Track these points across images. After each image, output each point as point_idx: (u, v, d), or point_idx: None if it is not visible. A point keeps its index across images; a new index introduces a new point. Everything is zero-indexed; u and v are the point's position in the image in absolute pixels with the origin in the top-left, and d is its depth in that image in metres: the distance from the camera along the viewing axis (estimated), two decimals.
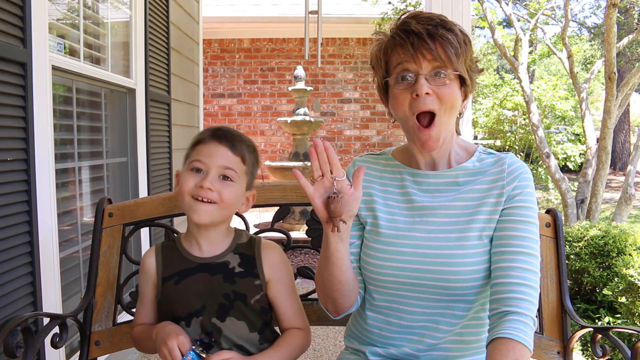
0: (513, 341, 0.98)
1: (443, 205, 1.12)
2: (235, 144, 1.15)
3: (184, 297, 1.15)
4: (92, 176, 2.47)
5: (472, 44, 1.14)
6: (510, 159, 1.12)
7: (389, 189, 1.18)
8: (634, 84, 5.18)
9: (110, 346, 1.39)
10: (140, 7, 2.79)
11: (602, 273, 3.11)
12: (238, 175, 1.15)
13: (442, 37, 1.05)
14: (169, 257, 1.20)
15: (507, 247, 1.06)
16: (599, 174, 5.07)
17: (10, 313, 1.57)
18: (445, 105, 1.07)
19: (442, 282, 1.07)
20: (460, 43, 1.07)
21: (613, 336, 1.22)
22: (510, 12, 6.38)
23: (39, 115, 1.74)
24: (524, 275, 1.03)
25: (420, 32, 1.05)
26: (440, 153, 1.14)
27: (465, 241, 1.07)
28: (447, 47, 1.05)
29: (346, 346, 1.27)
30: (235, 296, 1.15)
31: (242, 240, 1.21)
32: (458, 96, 1.10)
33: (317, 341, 3.04)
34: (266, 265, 1.18)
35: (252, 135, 7.73)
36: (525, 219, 1.08)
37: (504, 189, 1.09)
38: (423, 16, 1.09)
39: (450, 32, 1.07)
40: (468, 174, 1.13)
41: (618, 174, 12.84)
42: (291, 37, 7.60)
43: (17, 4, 1.62)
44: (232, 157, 1.14)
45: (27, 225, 1.69)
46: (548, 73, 16.32)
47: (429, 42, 1.05)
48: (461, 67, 1.08)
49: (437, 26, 1.06)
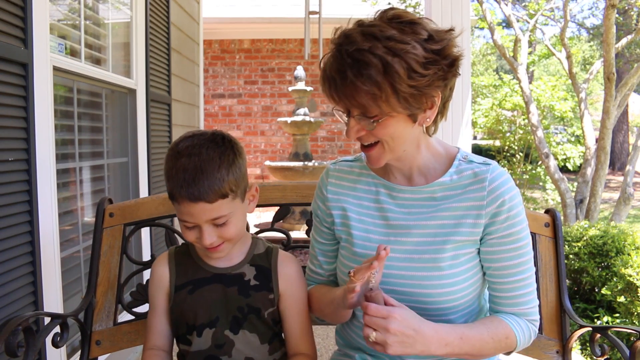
0: (509, 328, 1.03)
1: (419, 224, 1.06)
2: (210, 197, 0.99)
3: (198, 307, 1.12)
4: (92, 176, 2.48)
5: (416, 60, 0.93)
6: (491, 175, 1.03)
7: (364, 203, 1.12)
8: (633, 84, 5.19)
9: (110, 346, 1.39)
10: (140, 7, 2.80)
11: (601, 273, 3.11)
12: (231, 210, 1.04)
13: (352, 84, 0.92)
14: (183, 264, 1.16)
15: (506, 277, 1.06)
16: (598, 174, 5.08)
17: (12, 313, 1.57)
18: (386, 141, 1.00)
19: (419, 304, 1.03)
20: (376, 82, 0.91)
21: (612, 335, 1.22)
22: (509, 13, 6.39)
23: (40, 115, 1.75)
24: (527, 300, 1.07)
25: (333, 77, 0.95)
26: (405, 165, 1.07)
27: (440, 262, 1.03)
28: (360, 98, 0.93)
29: (338, 347, 1.26)
30: (250, 310, 1.12)
31: (258, 251, 1.18)
32: (400, 130, 0.99)
33: (317, 341, 3.04)
34: (282, 278, 1.15)
35: (252, 135, 7.74)
36: (520, 244, 1.05)
37: (484, 210, 1.02)
38: (343, 46, 0.95)
39: (360, 75, 0.92)
40: (445, 188, 1.06)
41: (617, 174, 12.85)
42: (291, 37, 7.61)
43: (18, 5, 1.63)
44: (214, 207, 1.01)
45: (28, 225, 1.69)
46: (547, 73, 16.33)
47: (342, 88, 0.94)
48: (385, 110, 0.95)
49: (345, 71, 0.93)
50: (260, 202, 1.44)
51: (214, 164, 1.01)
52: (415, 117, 0.99)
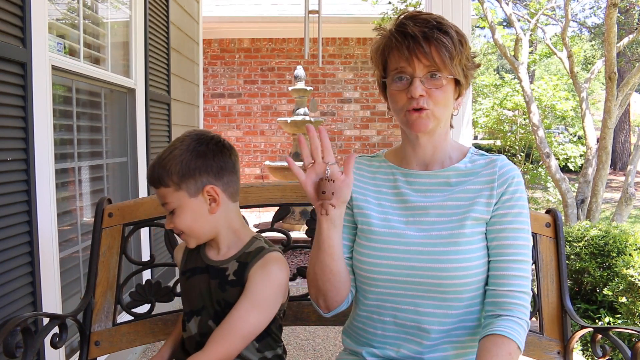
0: (506, 337, 1.02)
1: (436, 205, 1.13)
2: (160, 180, 1.13)
3: (190, 294, 1.19)
4: (92, 176, 2.47)
5: (469, 43, 1.15)
6: (501, 162, 1.15)
7: (382, 190, 1.19)
8: (634, 83, 5.18)
9: (109, 346, 1.39)
10: (140, 7, 2.79)
11: (603, 273, 3.11)
12: (176, 201, 1.13)
13: (437, 40, 1.06)
14: (192, 252, 1.23)
15: (501, 255, 1.10)
16: (599, 173, 5.06)
17: (10, 313, 1.57)
18: (438, 106, 1.10)
19: (434, 279, 1.08)
20: (455, 45, 1.08)
21: (613, 336, 1.22)
22: (510, 12, 6.38)
23: (39, 115, 1.74)
24: (518, 283, 1.09)
25: (416, 35, 1.07)
26: (432, 149, 1.16)
27: (457, 238, 1.09)
28: (441, 51, 1.07)
29: (344, 347, 1.27)
30: (225, 304, 1.14)
31: (250, 249, 1.17)
32: (451, 97, 1.12)
33: (317, 341, 3.04)
34: (249, 272, 1.13)
35: (252, 135, 7.74)
36: (517, 226, 1.11)
37: (494, 190, 1.11)
38: (420, 18, 1.10)
39: (445, 35, 1.07)
40: (460, 174, 1.15)
41: (618, 173, 12.84)
42: (291, 37, 7.60)
43: (17, 4, 1.62)
44: (159, 192, 1.15)
45: (27, 225, 1.69)
46: (548, 73, 16.32)
47: (424, 45, 1.06)
48: (455, 70, 1.09)
49: (432, 29, 1.07)
50: (260, 202, 1.44)
51: (168, 155, 1.13)
52: (458, 94, 1.14)
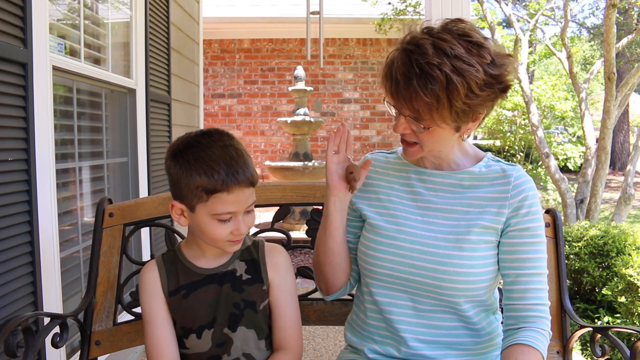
0: (532, 347, 1.03)
1: (445, 207, 1.13)
2: (255, 178, 1.07)
3: (195, 311, 1.12)
4: (92, 176, 2.48)
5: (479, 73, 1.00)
6: (517, 172, 1.13)
7: (394, 185, 1.20)
8: (633, 84, 5.18)
9: (110, 346, 1.39)
10: (140, 7, 2.79)
11: (602, 273, 3.11)
12: (253, 196, 1.10)
13: (415, 91, 0.99)
14: (173, 269, 1.15)
15: (521, 269, 1.10)
16: (599, 174, 5.07)
17: (11, 313, 1.57)
18: (427, 144, 1.09)
19: (436, 280, 1.08)
20: (440, 92, 0.98)
21: (612, 336, 1.22)
22: (510, 13, 6.39)
23: (40, 115, 1.74)
24: (538, 296, 1.10)
25: (398, 80, 1.02)
26: (437, 159, 1.17)
27: (462, 243, 1.09)
28: (417, 105, 1.01)
29: (346, 344, 1.28)
30: (246, 304, 1.13)
31: (245, 246, 1.18)
32: (445, 136, 1.08)
33: (317, 341, 3.04)
34: (270, 267, 1.17)
35: (252, 135, 7.74)
36: (536, 240, 1.10)
37: (507, 201, 1.10)
38: (414, 54, 1.00)
39: (428, 82, 0.98)
40: (474, 178, 1.14)
41: (617, 174, 12.84)
42: (291, 37, 7.61)
43: (17, 5, 1.63)
44: (253, 191, 1.08)
45: (28, 225, 1.69)
46: (547, 73, 16.33)
47: (404, 92, 1.02)
48: (442, 117, 1.02)
49: (411, 78, 0.99)
50: (260, 202, 1.44)
51: (242, 152, 1.07)
52: (459, 128, 1.08)
